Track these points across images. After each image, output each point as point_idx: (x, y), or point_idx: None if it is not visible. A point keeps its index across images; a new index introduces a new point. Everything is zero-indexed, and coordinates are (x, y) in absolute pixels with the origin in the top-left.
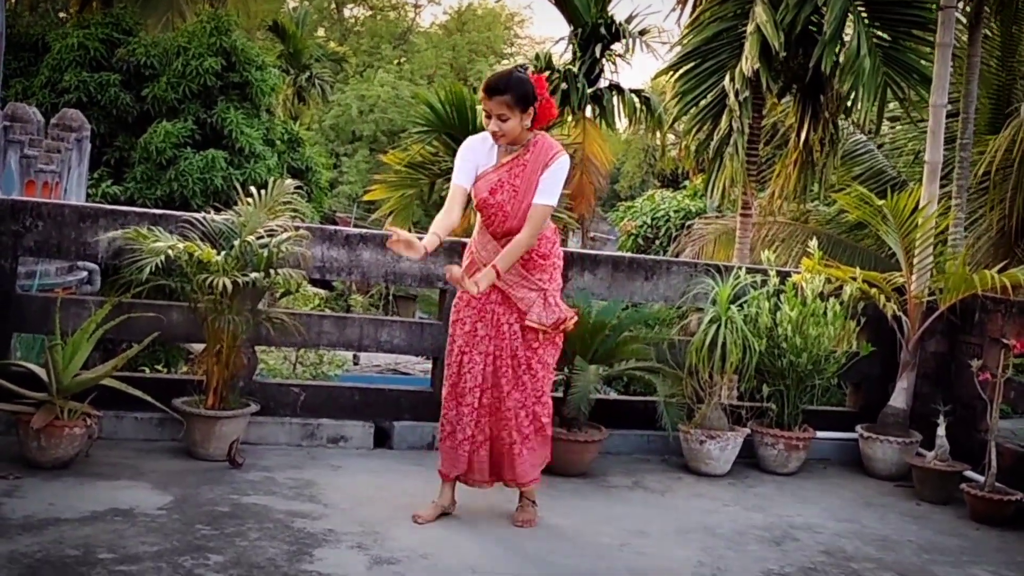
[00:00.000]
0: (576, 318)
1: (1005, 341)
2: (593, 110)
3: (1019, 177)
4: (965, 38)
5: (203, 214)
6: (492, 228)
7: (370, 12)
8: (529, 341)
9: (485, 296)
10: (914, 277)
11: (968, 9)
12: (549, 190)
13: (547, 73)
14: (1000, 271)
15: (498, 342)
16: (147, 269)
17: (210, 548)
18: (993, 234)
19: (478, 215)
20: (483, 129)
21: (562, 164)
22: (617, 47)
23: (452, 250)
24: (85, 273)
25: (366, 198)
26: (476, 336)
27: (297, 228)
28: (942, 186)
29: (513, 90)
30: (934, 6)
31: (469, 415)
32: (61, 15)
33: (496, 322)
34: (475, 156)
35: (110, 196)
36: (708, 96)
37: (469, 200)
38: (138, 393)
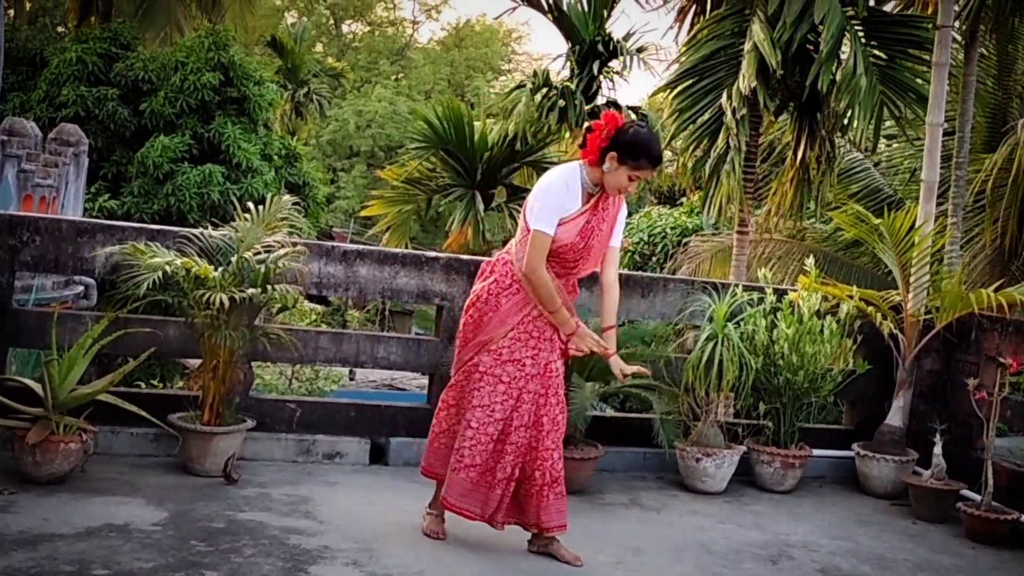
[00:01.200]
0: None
1: (1001, 360)
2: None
3: (1014, 196)
4: (961, 57)
5: (200, 229)
6: (562, 269)
7: (368, 28)
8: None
9: (540, 335)
10: (910, 295)
11: (964, 28)
12: (620, 233)
13: (545, 90)
14: (996, 290)
15: (544, 381)
16: (144, 284)
17: (205, 564)
18: (989, 252)
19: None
20: (482, 146)
21: (625, 209)
22: (615, 64)
23: (449, 266)
24: (82, 288)
25: (363, 214)
26: (528, 375)
27: (294, 244)
28: (938, 204)
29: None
30: (930, 25)
31: (513, 455)
32: (59, 29)
33: (545, 362)
34: (560, 203)
35: (107, 211)
36: (705, 114)
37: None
38: (134, 408)
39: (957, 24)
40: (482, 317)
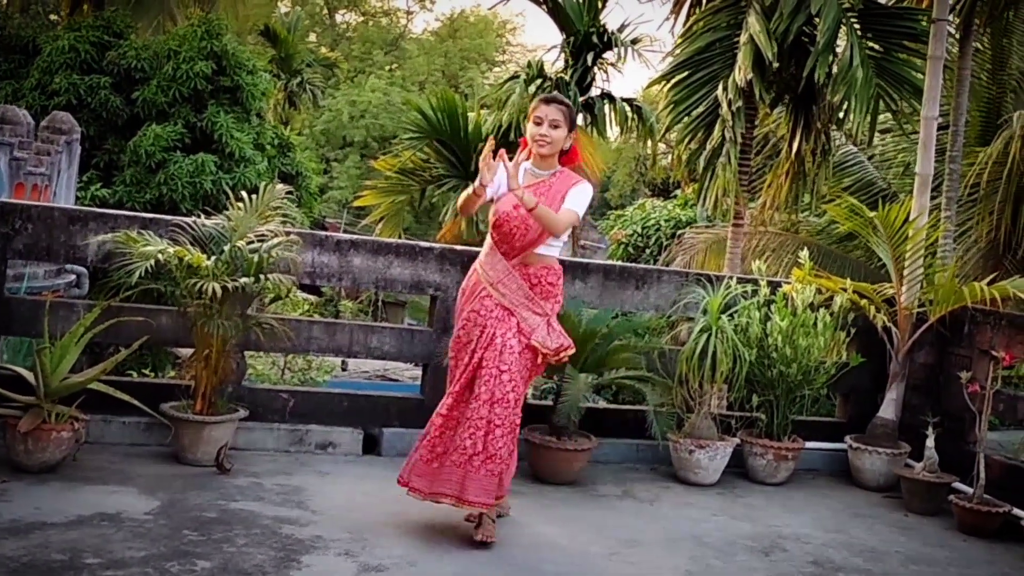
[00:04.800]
0: (573, 349)
1: (994, 353)
2: (584, 118)
3: (1008, 189)
4: (956, 50)
5: (193, 218)
6: (507, 245)
7: (362, 18)
8: (525, 361)
9: (488, 313)
10: (904, 288)
11: (959, 22)
12: (575, 201)
13: (539, 81)
14: (989, 283)
15: (498, 357)
16: (136, 273)
17: (197, 554)
18: (982, 246)
19: (489, 236)
20: (476, 137)
21: (586, 187)
22: (609, 56)
23: (443, 256)
24: (74, 276)
25: (356, 204)
26: (481, 347)
27: (288, 233)
28: (932, 198)
29: (568, 106)
30: (926, 19)
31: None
32: (52, 17)
33: (493, 334)
34: (502, 173)
35: (99, 199)
36: (701, 106)
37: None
38: (126, 397)
39: (952, 17)
40: (457, 308)
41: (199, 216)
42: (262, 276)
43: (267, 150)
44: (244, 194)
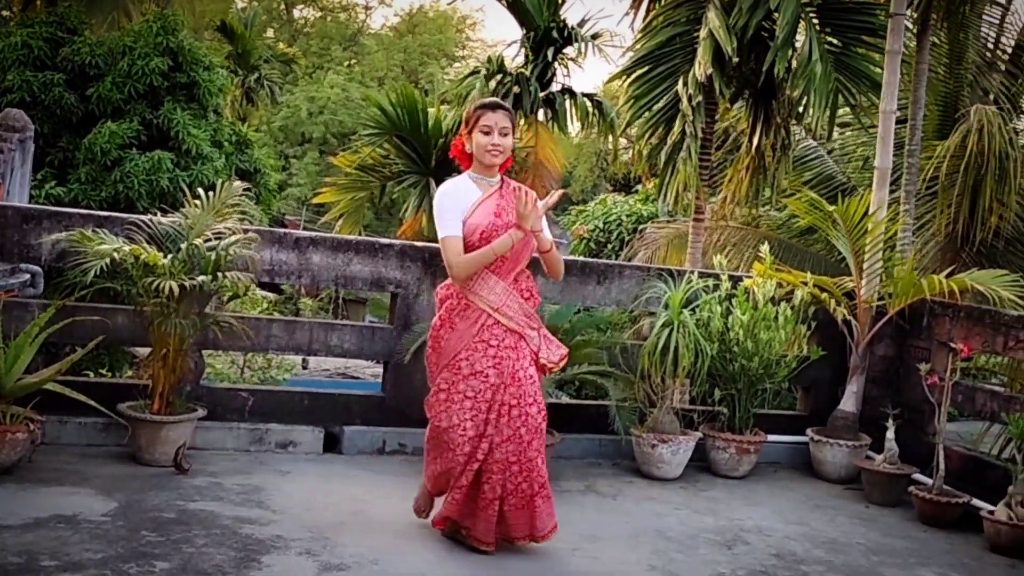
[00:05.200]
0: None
1: (952, 345)
2: (545, 114)
3: (965, 182)
4: (914, 45)
5: (149, 216)
6: (508, 262)
7: (320, 13)
8: (539, 381)
9: (499, 343)
10: (864, 282)
11: (916, 16)
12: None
13: (499, 77)
14: (948, 276)
15: (516, 390)
16: (92, 272)
17: (156, 555)
18: (941, 239)
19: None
20: (435, 133)
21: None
22: (570, 51)
23: (403, 253)
24: (28, 276)
25: (316, 201)
26: (494, 386)
27: (246, 231)
28: (891, 191)
29: (511, 111)
30: (884, 13)
31: (499, 473)
32: (4, 13)
33: (512, 371)
34: (456, 203)
35: (54, 198)
36: (661, 101)
37: None
38: (82, 397)
39: (909, 12)
40: (439, 343)
41: (155, 214)
42: (220, 274)
43: (225, 147)
44: (201, 191)
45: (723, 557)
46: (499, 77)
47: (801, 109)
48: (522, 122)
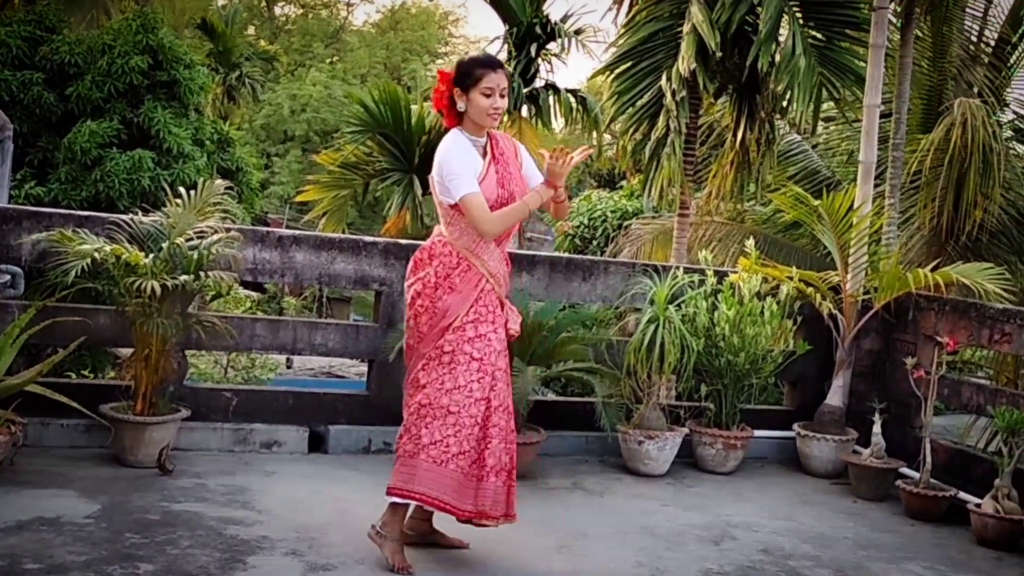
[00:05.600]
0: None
1: (938, 339)
2: (529, 110)
3: (950, 175)
4: (897, 38)
5: (131, 216)
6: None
7: (301, 10)
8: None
9: (494, 309)
10: (849, 276)
11: (900, 10)
12: (535, 169)
13: None
14: (933, 269)
15: (506, 359)
16: (73, 272)
17: (140, 557)
18: (925, 232)
19: (467, 228)
20: (419, 130)
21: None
22: (553, 47)
23: (387, 251)
24: (8, 277)
25: (299, 199)
26: (496, 351)
27: (228, 230)
28: (875, 186)
29: (506, 68)
30: (867, 7)
31: (499, 439)
32: None
33: (501, 338)
34: (471, 163)
35: (34, 198)
36: (645, 96)
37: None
38: (64, 399)
39: (893, 6)
40: (435, 303)
41: (137, 213)
42: (202, 273)
43: (206, 146)
44: (183, 190)
45: (711, 553)
46: None
47: (785, 104)
48: (506, 118)
